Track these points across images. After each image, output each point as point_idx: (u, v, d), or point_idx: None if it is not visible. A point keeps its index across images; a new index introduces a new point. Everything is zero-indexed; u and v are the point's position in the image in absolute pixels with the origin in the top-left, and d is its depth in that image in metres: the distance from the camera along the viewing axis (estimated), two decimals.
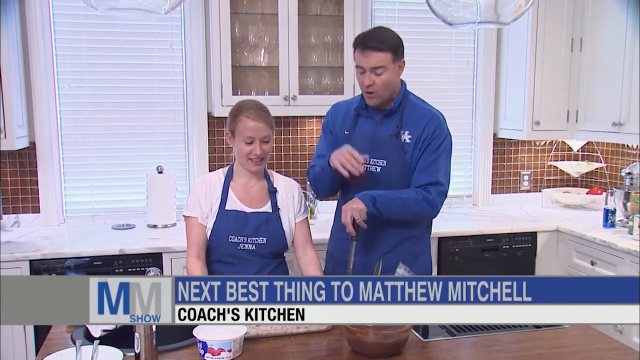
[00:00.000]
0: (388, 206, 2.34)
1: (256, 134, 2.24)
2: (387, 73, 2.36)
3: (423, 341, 1.91)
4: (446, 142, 2.45)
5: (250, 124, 2.24)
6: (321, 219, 3.65)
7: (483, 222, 3.79)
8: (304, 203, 2.50)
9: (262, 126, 2.25)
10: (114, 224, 3.64)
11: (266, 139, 2.27)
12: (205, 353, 1.74)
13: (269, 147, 2.30)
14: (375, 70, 2.34)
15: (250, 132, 2.24)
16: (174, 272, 3.15)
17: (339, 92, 3.61)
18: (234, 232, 2.30)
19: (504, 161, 4.35)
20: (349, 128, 2.50)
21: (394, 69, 2.38)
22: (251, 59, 3.60)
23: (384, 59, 2.33)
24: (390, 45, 2.35)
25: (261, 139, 2.26)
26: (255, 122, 2.24)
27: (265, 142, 2.27)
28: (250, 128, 2.24)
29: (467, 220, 3.84)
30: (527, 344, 1.90)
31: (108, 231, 3.52)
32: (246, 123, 2.24)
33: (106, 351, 1.74)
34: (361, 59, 2.36)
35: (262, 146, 2.26)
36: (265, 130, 2.26)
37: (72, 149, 3.67)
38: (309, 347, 1.87)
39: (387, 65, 2.34)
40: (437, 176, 2.40)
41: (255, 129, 2.24)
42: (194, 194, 2.36)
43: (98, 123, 3.68)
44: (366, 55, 2.33)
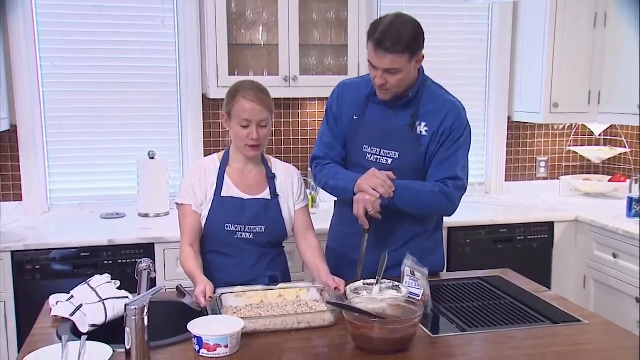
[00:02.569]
0: (403, 197, 2.31)
1: (253, 117, 2.24)
2: (403, 73, 2.28)
3: (432, 337, 1.91)
4: (466, 135, 2.41)
5: (247, 105, 2.23)
6: (323, 207, 3.65)
7: (496, 212, 3.79)
8: (304, 189, 2.49)
9: (260, 109, 2.24)
10: (102, 212, 3.65)
11: (264, 123, 2.26)
12: (200, 349, 1.74)
13: (266, 132, 2.29)
14: (389, 71, 2.27)
15: (246, 114, 2.24)
16: (167, 264, 3.16)
17: (343, 72, 3.60)
18: (230, 220, 2.30)
19: (519, 146, 4.34)
20: (358, 113, 2.46)
21: (411, 67, 2.29)
22: (249, 36, 3.59)
23: (399, 62, 2.24)
24: (408, 45, 2.22)
25: (258, 123, 2.25)
26: (253, 105, 2.23)
27: (262, 126, 2.26)
28: (247, 110, 2.23)
29: (479, 210, 3.84)
30: (544, 341, 1.90)
31: (96, 220, 3.53)
32: (243, 105, 2.24)
33: (94, 347, 1.74)
34: (374, 58, 2.27)
35: (259, 130, 2.26)
36: (263, 114, 2.25)
37: (56, 132, 3.67)
38: (311, 343, 1.87)
39: (402, 67, 2.26)
40: (455, 170, 2.37)
41: (252, 112, 2.24)
42: (187, 180, 2.36)
43: (85, 105, 3.68)
44: (380, 56, 2.24)
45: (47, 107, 3.63)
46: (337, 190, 2.46)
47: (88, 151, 3.72)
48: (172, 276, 3.11)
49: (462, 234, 3.52)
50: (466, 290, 2.36)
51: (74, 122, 3.68)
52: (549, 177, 4.40)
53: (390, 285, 2.16)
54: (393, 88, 2.32)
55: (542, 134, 4.35)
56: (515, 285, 2.41)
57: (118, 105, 3.72)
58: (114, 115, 3.72)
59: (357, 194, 2.31)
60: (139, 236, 3.19)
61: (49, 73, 3.61)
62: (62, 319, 1.99)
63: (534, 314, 2.11)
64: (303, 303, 2.11)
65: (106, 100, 3.70)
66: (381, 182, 2.26)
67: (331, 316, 1.96)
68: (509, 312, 2.12)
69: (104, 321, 1.95)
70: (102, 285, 2.04)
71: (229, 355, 1.75)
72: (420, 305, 1.89)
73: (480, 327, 2.00)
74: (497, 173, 4.30)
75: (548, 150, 4.38)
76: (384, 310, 1.90)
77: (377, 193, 2.26)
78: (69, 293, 2.06)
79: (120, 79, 3.70)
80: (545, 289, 2.42)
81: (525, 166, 4.38)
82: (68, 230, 3.30)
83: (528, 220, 3.64)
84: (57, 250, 3.07)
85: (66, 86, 3.64)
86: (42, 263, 3.04)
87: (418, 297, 2.08)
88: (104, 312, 1.95)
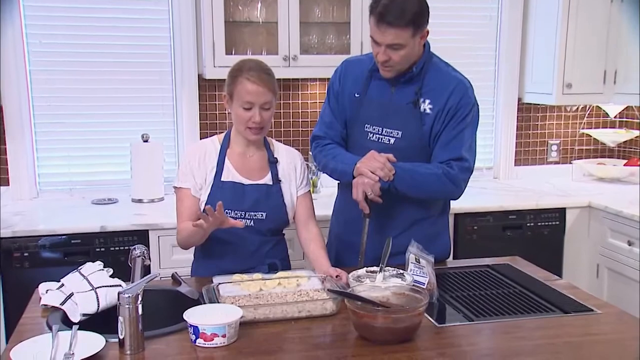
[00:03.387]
0: (403, 180, 2.31)
1: (256, 99, 2.23)
2: (406, 49, 2.27)
3: (437, 326, 1.92)
4: (473, 113, 2.40)
5: (249, 87, 2.23)
6: (325, 193, 3.66)
7: (505, 197, 3.80)
8: (307, 175, 2.50)
9: (263, 91, 2.23)
10: (94, 198, 3.66)
11: (267, 106, 2.26)
12: (197, 339, 1.75)
13: (269, 115, 2.29)
14: (392, 46, 2.26)
15: (249, 96, 2.23)
16: (162, 251, 3.17)
17: (345, 51, 3.59)
18: (230, 206, 2.30)
19: (530, 129, 4.34)
20: (360, 90, 2.46)
21: (414, 43, 2.28)
22: (247, 13, 3.58)
23: (402, 36, 2.23)
24: (411, 19, 2.20)
25: (261, 105, 2.24)
26: (256, 86, 2.22)
27: (265, 109, 2.26)
28: (249, 92, 2.23)
29: (487, 195, 3.84)
30: (554, 331, 1.90)
31: (87, 206, 3.54)
32: (245, 86, 2.23)
33: (86, 337, 1.75)
34: (376, 32, 2.26)
35: (262, 113, 2.25)
36: (266, 96, 2.24)
37: (45, 114, 3.67)
38: (312, 333, 1.88)
39: (405, 42, 2.25)
40: (460, 151, 2.36)
41: (255, 94, 2.23)
42: (186, 163, 2.36)
43: (74, 85, 3.67)
44: (382, 31, 2.23)
45: (35, 87, 3.62)
46: (337, 173, 2.46)
47: (79, 134, 3.72)
48: (168, 264, 3.12)
49: (469, 220, 3.53)
50: (473, 279, 2.37)
51: (64, 103, 3.67)
52: (560, 162, 4.40)
53: (394, 273, 2.17)
54: (396, 65, 2.31)
55: (554, 116, 4.34)
56: (525, 273, 2.41)
57: (110, 85, 3.71)
58: (106, 96, 3.71)
59: (355, 177, 2.31)
60: (132, 222, 3.19)
61: (36, 51, 3.60)
62: (52, 308, 1.99)
63: (544, 303, 2.11)
64: (304, 292, 2.11)
65: (97, 80, 3.69)
66: (380, 164, 2.26)
67: (333, 305, 1.97)
68: (518, 301, 2.13)
69: (96, 310, 1.95)
70: (94, 273, 2.05)
71: (226, 345, 1.76)
72: (426, 293, 1.90)
73: (488, 316, 2.01)
74: (506, 157, 4.30)
75: (560, 133, 4.37)
76: (387, 299, 1.91)
77: (376, 176, 2.26)
78: (59, 281, 2.07)
79: (112, 58, 3.69)
80: (556, 278, 2.43)
81: (536, 150, 4.37)
82: (58, 217, 3.31)
83: (538, 206, 3.64)
84: (47, 237, 3.07)
85: (54, 65, 3.63)
86: (30, 250, 3.05)
87: (423, 285, 2.09)
88: (96, 301, 1.96)
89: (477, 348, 1.84)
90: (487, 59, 4.22)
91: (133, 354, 1.71)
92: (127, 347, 1.71)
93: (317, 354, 1.75)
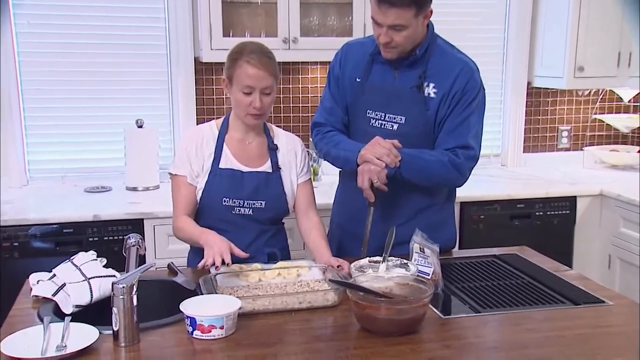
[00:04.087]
0: (411, 167, 2.31)
1: (256, 84, 2.23)
2: (409, 30, 2.26)
3: (442, 318, 1.92)
4: (479, 98, 2.39)
5: (250, 71, 2.22)
6: (326, 181, 3.66)
7: (513, 185, 3.80)
8: (308, 162, 2.50)
9: (264, 75, 2.23)
10: (86, 186, 3.66)
11: (267, 90, 2.25)
12: (194, 330, 1.75)
13: (270, 100, 2.28)
14: (394, 27, 2.25)
15: (249, 80, 2.22)
16: (158, 240, 3.18)
17: (347, 33, 3.59)
18: (228, 194, 2.31)
19: (539, 115, 4.33)
20: (362, 75, 2.45)
21: (417, 23, 2.27)
22: None
23: (405, 17, 2.22)
24: None
25: (262, 90, 2.24)
26: (257, 70, 2.22)
27: (266, 93, 2.25)
28: (250, 76, 2.22)
29: (494, 183, 3.84)
30: (564, 323, 1.91)
31: (80, 194, 3.55)
32: (245, 69, 2.22)
33: (79, 329, 1.75)
34: (377, 13, 2.25)
35: (263, 98, 2.25)
36: (267, 80, 2.24)
37: (35, 97, 3.66)
38: (312, 324, 1.89)
39: (408, 23, 2.24)
40: (466, 138, 2.36)
41: (255, 78, 2.22)
42: (182, 149, 2.35)
43: (65, 68, 3.66)
44: (383, 11, 2.22)
45: (23, 69, 3.61)
46: (339, 160, 2.46)
47: (70, 119, 3.72)
48: (163, 254, 3.13)
49: (476, 209, 3.53)
50: (480, 269, 2.37)
51: (54, 87, 3.67)
52: (571, 148, 4.40)
53: (398, 263, 2.18)
54: (399, 46, 2.30)
55: (564, 101, 4.33)
56: (533, 263, 2.42)
57: (103, 68, 3.70)
58: (99, 80, 3.71)
59: (360, 165, 2.31)
60: (126, 211, 3.20)
61: (25, 32, 3.58)
62: (43, 299, 2.00)
63: (554, 294, 2.12)
64: (304, 283, 2.12)
65: (89, 63, 3.68)
66: (386, 150, 2.26)
67: (334, 296, 1.98)
68: (526, 292, 2.13)
69: (89, 301, 1.96)
70: (87, 263, 2.05)
71: (224, 337, 1.77)
72: (430, 284, 1.90)
73: (495, 308, 2.01)
74: (514, 144, 4.30)
75: (571, 118, 4.37)
76: (391, 290, 1.91)
77: (382, 163, 2.26)
78: (50, 272, 2.07)
79: (104, 40, 3.68)
80: (566, 268, 2.43)
81: (545, 136, 4.37)
82: (49, 205, 3.31)
83: (548, 194, 3.65)
84: (38, 227, 3.08)
85: (44, 47, 3.62)
86: (21, 240, 3.06)
87: (428, 275, 2.09)
88: (89, 292, 1.97)
89: (484, 340, 1.85)
90: (494, 40, 4.20)
91: (127, 346, 1.71)
92: (122, 339, 1.72)
93: (318, 346, 1.76)
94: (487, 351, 1.77)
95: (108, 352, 1.70)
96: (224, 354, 1.70)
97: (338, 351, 1.72)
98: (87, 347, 1.67)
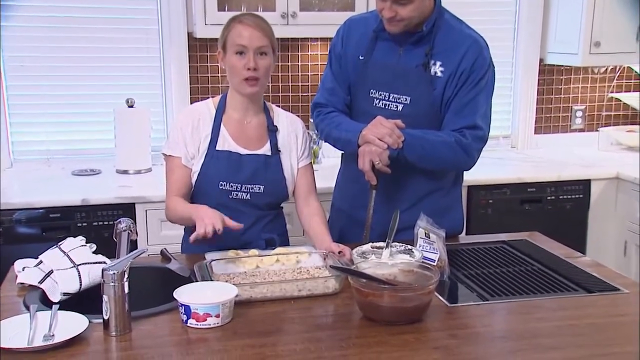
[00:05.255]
0: (413, 148, 2.31)
1: (249, 43, 2.22)
2: (414, 3, 2.26)
3: (449, 306, 1.93)
4: (488, 76, 2.39)
5: (243, 31, 2.23)
6: (326, 164, 3.67)
7: (523, 168, 3.81)
8: (309, 145, 2.50)
9: (258, 35, 2.23)
10: (74, 168, 3.67)
11: (262, 50, 2.25)
12: (188, 319, 1.76)
13: (266, 64, 2.27)
14: (398, 1, 2.24)
15: (242, 39, 2.22)
16: (150, 226, 3.19)
17: (349, 8, 3.57)
18: (225, 177, 2.31)
19: (552, 94, 4.33)
20: (365, 53, 2.45)
21: None
22: None
23: None
24: None
25: (256, 50, 2.23)
26: (250, 29, 2.22)
27: (261, 53, 2.25)
28: (242, 35, 2.22)
29: (503, 166, 3.85)
30: (576, 312, 1.91)
31: (67, 177, 3.55)
32: (238, 30, 2.23)
33: (68, 318, 1.76)
34: None
35: (258, 60, 2.24)
36: (262, 40, 2.24)
37: (18, 75, 3.66)
38: (313, 312, 1.90)
39: None
40: (474, 118, 2.36)
41: (249, 37, 2.22)
42: (177, 129, 2.35)
43: (51, 43, 3.66)
44: None
45: (6, 45, 3.60)
46: (341, 142, 2.46)
47: (57, 97, 3.72)
48: (156, 240, 3.14)
49: (484, 193, 3.54)
50: (488, 255, 2.38)
51: (39, 64, 3.66)
52: (586, 129, 4.40)
53: (402, 249, 2.18)
54: (404, 20, 2.29)
55: (579, 79, 4.33)
56: (544, 249, 2.43)
57: (91, 44, 3.69)
58: (86, 57, 3.70)
59: (361, 146, 2.31)
60: (117, 195, 3.21)
61: (8, 4, 3.56)
62: (29, 286, 2.00)
63: (566, 281, 2.12)
64: (304, 270, 2.13)
65: (76, 38, 3.67)
66: (388, 130, 2.26)
67: (335, 283, 1.98)
68: (537, 280, 2.14)
69: (78, 289, 1.97)
70: (76, 249, 2.06)
71: (220, 326, 1.78)
72: (436, 271, 1.91)
73: (504, 296, 2.02)
74: (525, 124, 4.30)
75: (586, 97, 4.36)
76: (394, 277, 1.92)
77: (384, 144, 2.26)
78: (37, 258, 2.07)
79: (92, 14, 3.67)
80: (580, 255, 2.44)
81: (558, 116, 4.37)
82: (35, 189, 3.32)
83: (560, 178, 3.65)
84: (23, 211, 3.09)
85: (27, 20, 3.61)
86: (5, 225, 3.07)
87: (433, 262, 2.10)
88: (78, 279, 1.98)
89: (492, 329, 1.85)
90: (505, 14, 4.19)
91: (119, 335, 1.72)
92: (112, 328, 1.72)
93: (318, 335, 1.76)
94: (495, 341, 1.78)
95: (98, 342, 1.70)
96: (219, 344, 1.70)
97: (339, 341, 1.73)
98: (76, 336, 1.67)
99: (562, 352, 1.67)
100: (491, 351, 1.72)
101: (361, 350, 1.67)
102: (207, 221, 2.06)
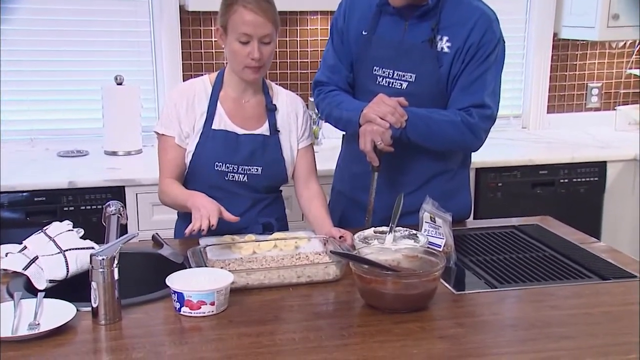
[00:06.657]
0: (417, 127, 2.31)
1: (254, 31, 2.22)
2: None
3: (455, 294, 1.94)
4: (497, 51, 2.38)
5: (247, 17, 2.21)
6: (327, 145, 3.67)
7: (535, 149, 3.82)
8: (310, 125, 2.50)
9: (263, 21, 2.22)
10: (60, 150, 3.68)
11: (267, 39, 2.24)
12: (181, 307, 1.77)
13: (270, 51, 2.27)
14: None
15: (246, 27, 2.21)
16: (141, 210, 3.20)
17: None
18: (221, 158, 2.31)
19: (566, 70, 4.32)
20: (368, 28, 2.44)
21: None
22: None
23: None
24: None
25: (260, 38, 2.23)
26: (255, 15, 2.21)
27: (265, 42, 2.24)
28: (246, 22, 2.21)
29: (514, 147, 3.86)
30: (590, 300, 1.92)
31: (53, 159, 3.56)
32: (242, 15, 2.21)
33: (54, 306, 1.76)
34: None
35: (262, 48, 2.24)
36: (266, 27, 2.23)
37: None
38: (312, 300, 1.91)
39: None
40: (482, 96, 2.36)
41: (253, 25, 2.21)
42: (171, 107, 2.35)
43: (35, 16, 3.65)
44: None
45: None
46: (342, 122, 2.46)
47: (41, 74, 3.72)
48: (147, 225, 3.15)
49: (493, 175, 3.55)
50: (497, 241, 2.39)
51: (22, 39, 3.66)
52: (602, 108, 4.40)
53: (406, 234, 2.19)
54: None
55: (595, 54, 4.32)
56: (557, 235, 2.44)
57: (77, 17, 3.69)
58: (73, 30, 3.70)
59: (363, 125, 2.31)
60: (105, 178, 3.22)
61: None
62: (13, 273, 2.01)
63: (579, 268, 2.13)
64: (303, 255, 2.14)
65: (61, 11, 3.66)
66: (391, 109, 2.26)
67: (336, 269, 1.99)
68: (549, 266, 2.15)
69: (65, 276, 1.98)
70: (62, 234, 2.06)
71: (215, 314, 1.78)
72: (442, 256, 1.91)
73: (514, 283, 2.03)
74: (537, 103, 4.30)
75: (602, 74, 4.36)
76: (398, 263, 1.93)
77: (386, 122, 2.26)
78: (21, 243, 2.08)
79: None
80: (594, 240, 2.45)
81: (572, 94, 4.37)
82: (18, 171, 3.32)
83: (574, 159, 3.66)
84: (6, 195, 3.10)
85: None
86: None
87: (439, 247, 2.11)
88: (64, 265, 1.98)
89: (501, 318, 1.87)
90: None
91: (108, 324, 1.73)
92: (102, 316, 1.73)
93: (319, 324, 1.77)
94: (505, 329, 1.78)
95: (86, 331, 1.71)
96: (214, 333, 1.71)
97: (340, 329, 1.73)
98: (63, 325, 1.67)
99: (575, 342, 1.68)
100: (500, 340, 1.71)
101: (363, 339, 1.67)
102: (204, 212, 2.07)
